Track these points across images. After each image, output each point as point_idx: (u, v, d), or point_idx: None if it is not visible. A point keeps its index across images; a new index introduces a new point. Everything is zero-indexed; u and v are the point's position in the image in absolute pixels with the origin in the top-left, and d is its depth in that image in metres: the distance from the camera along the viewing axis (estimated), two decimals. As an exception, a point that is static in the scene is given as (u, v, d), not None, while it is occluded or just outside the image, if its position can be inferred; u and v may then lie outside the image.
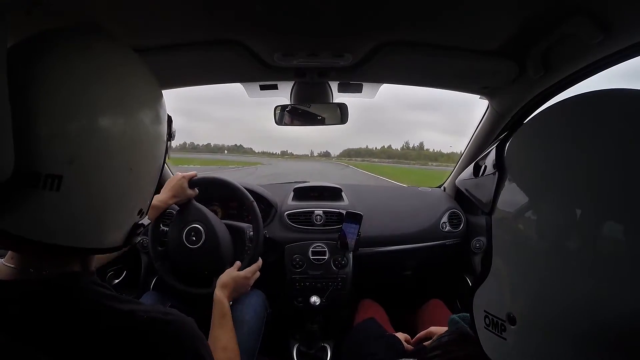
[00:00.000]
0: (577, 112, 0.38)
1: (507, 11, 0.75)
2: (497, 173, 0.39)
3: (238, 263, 0.95)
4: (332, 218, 1.38)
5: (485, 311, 0.40)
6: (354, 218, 1.29)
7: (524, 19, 0.77)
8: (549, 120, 0.41)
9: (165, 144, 0.49)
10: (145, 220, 0.50)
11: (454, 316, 0.61)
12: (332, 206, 1.42)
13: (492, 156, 0.42)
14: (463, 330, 0.56)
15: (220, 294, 0.81)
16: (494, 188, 0.39)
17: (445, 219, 1.47)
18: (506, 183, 0.38)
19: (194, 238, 1.04)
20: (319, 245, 1.31)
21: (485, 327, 0.40)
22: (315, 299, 1.20)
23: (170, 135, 0.51)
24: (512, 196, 0.37)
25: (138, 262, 1.35)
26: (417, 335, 0.88)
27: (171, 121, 0.51)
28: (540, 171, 0.36)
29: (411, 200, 1.61)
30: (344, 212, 1.34)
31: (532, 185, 0.37)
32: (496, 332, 0.38)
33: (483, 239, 1.38)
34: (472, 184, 0.46)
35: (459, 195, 1.59)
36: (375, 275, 1.51)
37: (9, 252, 0.43)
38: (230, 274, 0.89)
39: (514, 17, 0.77)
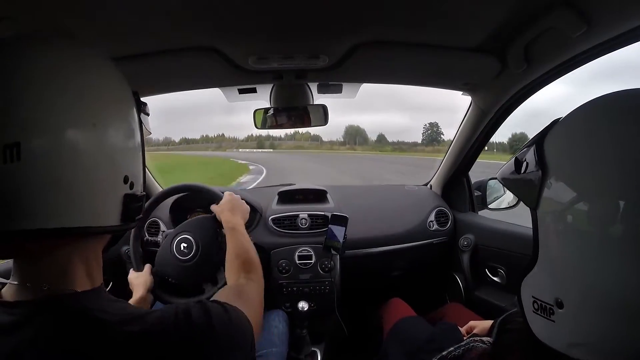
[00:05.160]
0: (620, 108, 0.40)
1: (487, 6, 0.73)
2: (540, 170, 0.41)
3: None
4: (318, 221, 1.36)
5: (533, 297, 0.42)
6: (340, 220, 1.27)
7: (504, 13, 0.75)
8: (592, 115, 0.42)
9: (135, 105, 0.47)
10: (140, 192, 0.47)
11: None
12: (317, 209, 1.40)
13: (532, 153, 0.44)
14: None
15: (225, 216, 0.93)
16: (538, 184, 0.41)
17: (432, 217, 1.47)
18: (550, 178, 0.40)
19: (184, 250, 1.01)
20: (305, 250, 1.29)
21: (534, 312, 0.42)
22: (303, 304, 1.18)
23: (141, 107, 0.48)
24: (557, 190, 0.39)
25: (124, 272, 1.33)
26: (462, 329, 0.92)
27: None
28: (585, 163, 0.38)
29: (397, 199, 1.59)
30: (329, 214, 1.33)
31: (577, 177, 0.38)
32: (544, 316, 0.41)
33: (471, 236, 1.37)
34: (514, 180, 0.49)
35: (446, 193, 1.59)
36: (364, 277, 1.50)
37: (12, 268, 0.40)
38: (225, 199, 0.99)
39: (494, 12, 0.75)
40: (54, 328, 0.37)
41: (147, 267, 1.02)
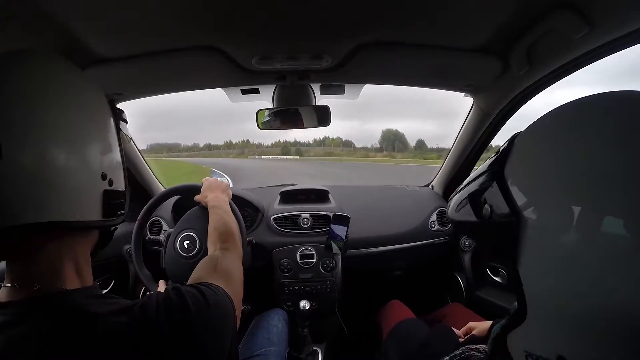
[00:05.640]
0: (578, 115, 0.36)
1: (490, 7, 0.73)
2: (512, 213, 0.35)
3: None
4: (320, 221, 1.37)
5: (526, 352, 0.38)
6: (342, 220, 1.28)
7: (507, 14, 0.75)
8: (554, 127, 0.38)
9: (109, 105, 0.50)
10: (120, 188, 0.49)
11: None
12: (319, 209, 1.41)
13: (495, 191, 0.37)
14: None
15: (207, 198, 0.98)
16: (515, 233, 0.35)
17: (433, 217, 1.47)
18: (530, 222, 0.34)
19: (188, 247, 1.03)
20: (307, 249, 1.30)
21: None
22: (304, 304, 1.19)
23: (116, 113, 0.51)
24: (544, 232, 0.33)
25: (126, 271, 1.34)
26: (461, 331, 0.92)
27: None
28: (580, 186, 0.33)
29: (399, 200, 1.60)
30: (331, 214, 1.33)
31: (569, 208, 0.32)
32: None
33: (472, 237, 1.37)
34: (477, 228, 0.40)
35: (447, 193, 1.59)
36: (365, 277, 1.50)
37: (5, 270, 0.42)
38: (203, 186, 1.05)
39: (496, 13, 0.75)
40: (46, 325, 0.38)
41: (162, 283, 1.04)
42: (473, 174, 0.45)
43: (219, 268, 0.61)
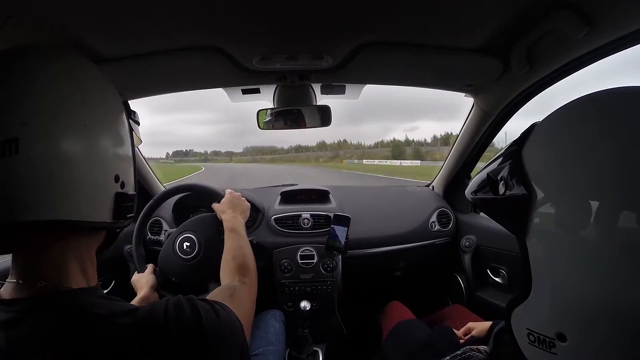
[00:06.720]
0: (592, 110, 0.37)
1: (490, 7, 0.73)
2: (524, 190, 0.37)
3: None
4: (320, 221, 1.37)
5: (528, 329, 0.39)
6: (342, 220, 1.28)
7: (507, 15, 0.75)
8: (580, 115, 0.38)
9: (123, 105, 0.50)
10: (131, 191, 0.49)
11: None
12: (319, 209, 1.41)
13: (510, 168, 0.39)
14: None
15: (226, 215, 0.93)
16: (524, 208, 0.37)
17: (434, 218, 1.47)
18: (539, 198, 0.36)
19: (187, 249, 1.01)
20: (308, 249, 1.30)
21: (530, 344, 0.39)
22: (305, 304, 1.19)
23: (130, 114, 0.51)
24: (549, 209, 0.35)
25: (126, 271, 1.34)
26: (460, 331, 0.92)
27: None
28: (578, 170, 0.34)
29: (399, 200, 1.60)
30: (331, 214, 1.33)
31: (571, 189, 0.34)
32: (544, 349, 0.37)
33: (472, 237, 1.38)
34: (490, 202, 0.43)
35: (447, 194, 1.59)
36: (366, 277, 1.50)
37: (11, 266, 0.42)
38: (226, 197, 1.00)
39: (496, 14, 0.76)
40: (50, 324, 0.38)
41: (150, 267, 1.03)
42: (493, 157, 0.47)
43: (236, 298, 0.61)
